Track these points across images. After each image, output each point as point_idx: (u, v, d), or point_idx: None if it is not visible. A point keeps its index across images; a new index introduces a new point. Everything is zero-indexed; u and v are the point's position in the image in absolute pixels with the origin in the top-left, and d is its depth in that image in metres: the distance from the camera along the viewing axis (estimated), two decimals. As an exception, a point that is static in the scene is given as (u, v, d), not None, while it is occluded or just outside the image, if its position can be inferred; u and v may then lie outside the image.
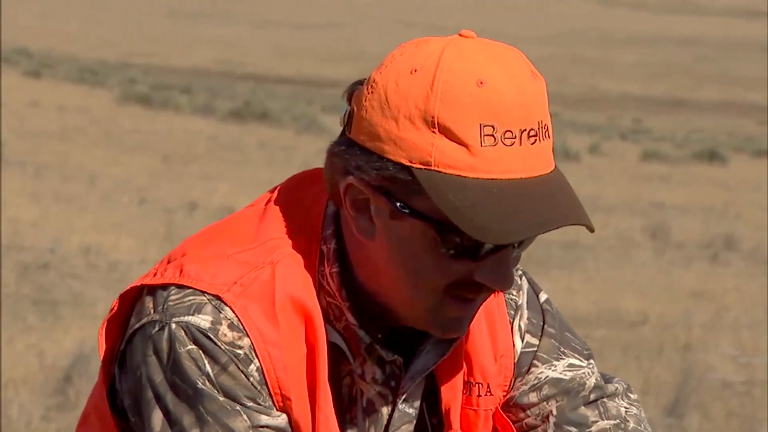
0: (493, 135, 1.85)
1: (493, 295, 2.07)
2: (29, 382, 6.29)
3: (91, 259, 9.93)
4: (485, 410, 2.10)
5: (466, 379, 2.08)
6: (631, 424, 2.15)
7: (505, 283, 1.92)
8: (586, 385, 2.15)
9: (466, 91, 1.86)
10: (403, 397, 2.04)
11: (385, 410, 2.04)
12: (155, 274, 1.97)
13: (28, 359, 6.74)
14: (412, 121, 1.87)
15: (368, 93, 1.91)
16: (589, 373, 2.16)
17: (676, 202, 19.33)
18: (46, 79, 38.59)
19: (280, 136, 26.33)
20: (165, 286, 1.94)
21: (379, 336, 2.00)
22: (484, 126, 1.85)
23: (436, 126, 1.86)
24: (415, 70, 1.88)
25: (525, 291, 2.15)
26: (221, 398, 1.90)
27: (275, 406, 1.93)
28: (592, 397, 2.15)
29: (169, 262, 1.98)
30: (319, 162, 2.11)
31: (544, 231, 1.86)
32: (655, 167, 26.90)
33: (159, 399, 1.92)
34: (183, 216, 13.01)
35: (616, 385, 2.18)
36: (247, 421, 1.90)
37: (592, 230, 1.90)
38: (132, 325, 1.96)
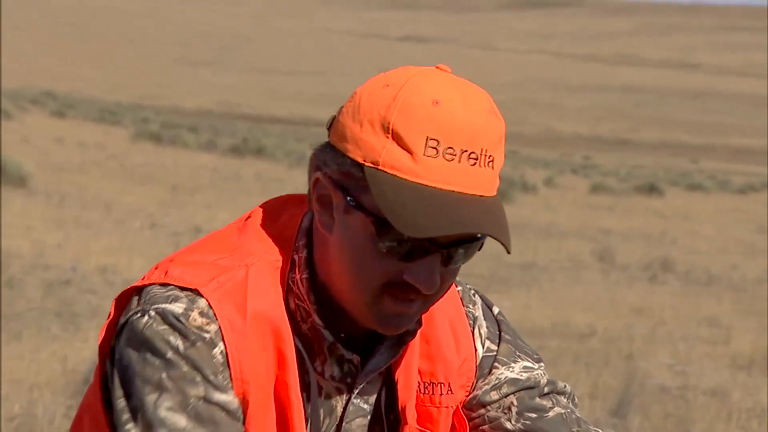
0: (436, 148, 1.85)
1: (454, 307, 2.10)
2: (52, 384, 6.26)
3: (107, 277, 9.90)
4: (446, 407, 2.09)
5: (429, 379, 2.08)
6: (578, 413, 2.17)
7: (430, 285, 1.89)
8: (541, 383, 2.16)
9: (422, 107, 1.87)
10: (357, 392, 2.02)
11: (340, 405, 2.02)
12: (144, 278, 1.97)
13: (51, 365, 6.71)
14: (372, 125, 1.88)
15: (348, 102, 1.93)
16: (541, 374, 2.17)
17: (620, 229, 19.36)
18: (70, 118, 38.54)
19: (274, 169, 26.32)
20: (150, 285, 1.95)
21: (342, 336, 1.98)
22: (430, 139, 1.85)
23: (390, 132, 1.87)
24: (387, 85, 1.90)
25: (479, 305, 2.15)
26: (185, 368, 1.88)
27: (233, 390, 1.90)
28: (546, 390, 2.16)
29: (156, 269, 1.99)
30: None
31: (455, 232, 1.83)
32: (602, 198, 26.95)
33: (129, 374, 1.90)
34: (189, 239, 12.97)
35: (566, 386, 2.20)
36: (203, 393, 1.88)
37: (508, 250, 1.90)
38: (120, 322, 1.96)
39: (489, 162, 1.88)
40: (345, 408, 2.03)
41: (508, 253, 1.89)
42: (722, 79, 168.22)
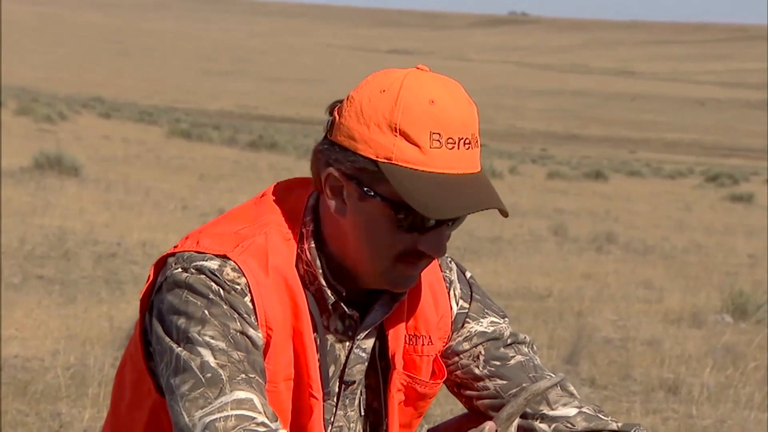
0: (439, 140, 1.86)
1: (433, 272, 2.10)
2: (102, 339, 6.25)
3: (147, 250, 9.88)
4: (427, 356, 2.10)
5: (413, 332, 2.08)
6: (537, 360, 2.18)
7: (441, 251, 1.93)
8: (505, 335, 2.16)
9: (421, 107, 1.87)
10: (357, 343, 2.02)
11: (343, 354, 2.02)
12: (176, 246, 1.98)
13: (100, 323, 6.70)
14: (379, 126, 1.87)
15: (347, 106, 1.92)
16: (506, 327, 2.17)
17: (572, 208, 19.35)
18: (114, 119, 38.38)
19: (285, 160, 26.26)
20: (185, 252, 1.95)
21: (344, 295, 1.98)
22: (433, 133, 1.86)
23: (398, 131, 1.87)
24: (384, 90, 1.89)
25: (455, 270, 2.16)
26: (225, 306, 1.88)
27: (260, 330, 1.91)
28: (509, 341, 2.16)
29: (187, 239, 1.99)
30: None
31: (472, 212, 1.87)
32: (556, 183, 26.92)
33: (176, 314, 1.89)
34: (214, 218, 12.94)
35: (526, 337, 2.21)
36: (239, 327, 1.88)
37: (506, 214, 1.92)
38: (159, 281, 1.95)
39: (476, 143, 1.90)
40: (348, 356, 2.03)
41: (505, 216, 1.92)
42: (656, 84, 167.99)
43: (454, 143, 1.87)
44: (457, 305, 2.14)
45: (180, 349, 1.86)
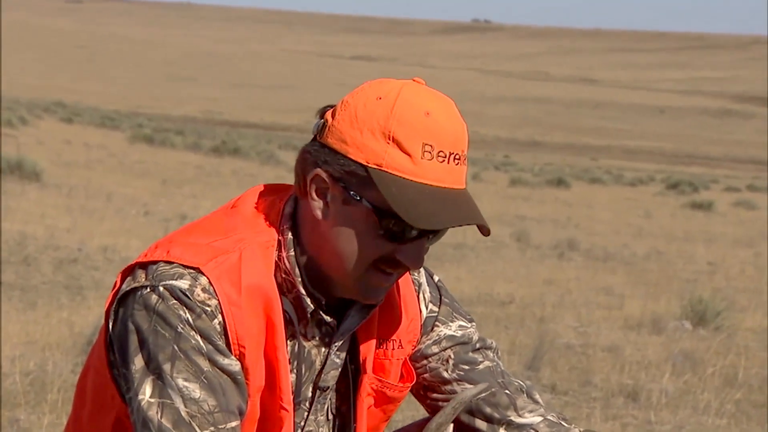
0: (431, 152, 1.86)
1: (402, 278, 2.09)
2: (61, 345, 6.19)
3: (108, 255, 9.80)
4: (397, 360, 2.09)
5: (384, 336, 2.07)
6: (502, 366, 2.20)
7: (418, 262, 1.93)
8: (473, 339, 2.17)
9: (417, 118, 1.87)
10: (333, 349, 2.01)
11: (319, 360, 2.01)
12: (146, 255, 1.93)
13: (60, 329, 6.63)
14: (373, 132, 1.87)
15: (341, 110, 1.90)
16: (474, 332, 2.18)
17: (534, 215, 19.42)
18: (76, 124, 38.15)
19: (248, 166, 26.19)
20: (155, 262, 1.90)
21: (323, 303, 1.97)
22: (426, 144, 1.86)
23: (391, 139, 1.86)
24: (380, 98, 1.89)
25: (423, 274, 2.16)
26: (194, 339, 1.85)
27: (232, 354, 1.88)
28: (477, 346, 2.17)
29: (156, 248, 1.94)
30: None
31: (456, 225, 1.87)
32: (519, 190, 27.02)
33: (143, 342, 1.86)
34: (176, 224, 12.87)
35: (493, 342, 2.22)
36: (210, 359, 1.86)
37: (487, 233, 1.91)
38: (123, 289, 1.91)
39: (465, 160, 1.91)
40: (324, 362, 2.02)
41: (485, 235, 1.91)
42: (617, 92, 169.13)
43: (445, 157, 1.87)
44: (427, 309, 2.14)
45: (149, 384, 1.84)
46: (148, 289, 1.87)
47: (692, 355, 7.21)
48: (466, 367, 2.13)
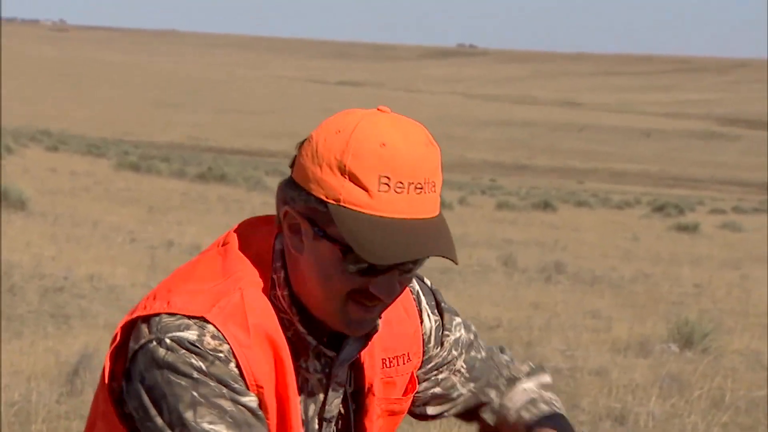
0: (387, 184, 1.83)
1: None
2: (47, 374, 6.16)
3: (94, 284, 9.77)
4: (405, 374, 2.08)
5: (392, 355, 2.06)
6: (484, 347, 2.21)
7: (391, 295, 1.90)
8: (470, 335, 2.18)
9: (371, 150, 1.85)
10: (334, 380, 2.01)
11: (322, 392, 2.01)
12: (146, 307, 1.90)
13: (46, 358, 6.60)
14: (330, 168, 1.85)
15: (306, 145, 1.90)
16: (465, 323, 2.18)
17: (520, 238, 19.44)
18: (62, 152, 38.11)
19: (234, 192, 26.17)
20: (156, 315, 1.88)
21: (324, 340, 1.97)
22: (382, 176, 1.84)
23: (347, 173, 1.85)
24: (339, 131, 1.87)
25: (415, 281, 2.14)
26: (212, 384, 1.84)
27: (251, 393, 1.88)
28: (471, 337, 2.18)
29: (155, 298, 1.92)
30: (263, 211, 2.09)
31: (412, 259, 1.83)
32: (505, 214, 27.06)
33: (160, 398, 1.85)
34: (163, 251, 12.85)
35: (471, 324, 2.22)
36: (232, 400, 1.85)
37: (455, 263, 1.90)
38: (132, 348, 1.89)
39: (431, 188, 1.87)
40: (326, 394, 2.01)
41: (456, 264, 1.89)
42: (602, 115, 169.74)
43: (404, 188, 1.84)
44: (430, 319, 2.13)
45: None
46: (155, 342, 1.86)
47: (679, 378, 7.22)
48: (471, 366, 2.16)
